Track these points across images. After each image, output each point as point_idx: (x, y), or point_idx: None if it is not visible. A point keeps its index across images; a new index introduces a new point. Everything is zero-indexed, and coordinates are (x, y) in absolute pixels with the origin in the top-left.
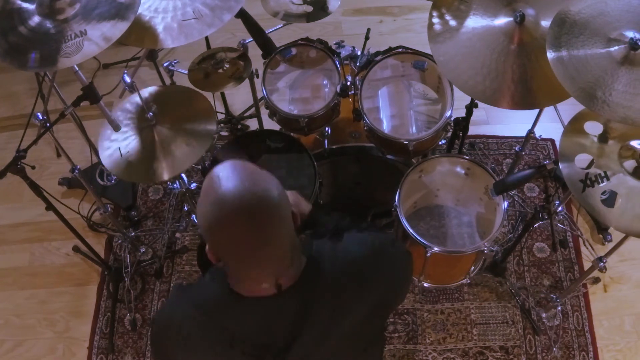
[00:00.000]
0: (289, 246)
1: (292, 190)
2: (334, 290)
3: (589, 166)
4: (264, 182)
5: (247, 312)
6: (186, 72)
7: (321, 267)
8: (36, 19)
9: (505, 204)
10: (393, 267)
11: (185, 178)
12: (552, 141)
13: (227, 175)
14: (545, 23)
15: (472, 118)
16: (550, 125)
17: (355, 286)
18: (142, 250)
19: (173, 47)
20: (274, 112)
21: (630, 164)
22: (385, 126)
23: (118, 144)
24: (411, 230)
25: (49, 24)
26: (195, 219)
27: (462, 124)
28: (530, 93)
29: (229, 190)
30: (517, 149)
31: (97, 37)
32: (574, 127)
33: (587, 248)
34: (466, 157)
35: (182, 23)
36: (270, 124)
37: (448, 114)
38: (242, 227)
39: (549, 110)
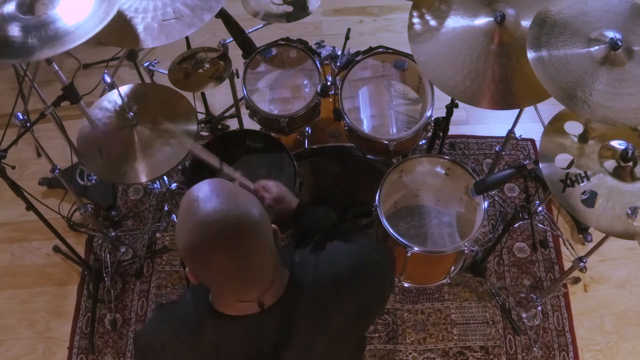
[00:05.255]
0: (271, 266)
1: (278, 182)
2: (316, 307)
3: (569, 166)
4: (244, 203)
5: (229, 333)
6: (166, 72)
7: (304, 282)
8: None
9: (486, 204)
10: (375, 283)
11: (165, 178)
12: (533, 141)
13: (205, 197)
14: (526, 23)
15: (453, 118)
16: (530, 125)
17: (337, 302)
18: (123, 250)
19: (153, 47)
20: (255, 112)
21: (610, 164)
22: (366, 126)
23: (98, 144)
24: (391, 230)
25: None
26: (175, 219)
27: (443, 124)
28: (510, 93)
29: (208, 214)
30: (497, 149)
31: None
32: (554, 127)
33: (568, 248)
34: (446, 157)
35: (162, 23)
36: (251, 124)
37: (428, 113)
38: (222, 252)
39: (529, 110)
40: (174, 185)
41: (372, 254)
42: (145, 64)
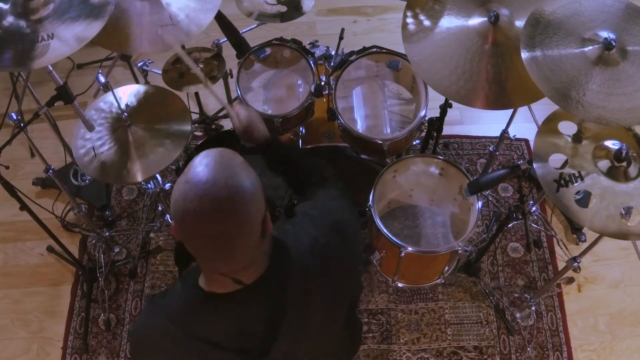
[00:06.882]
0: (251, 248)
1: (250, 108)
2: (302, 276)
3: (563, 166)
4: (238, 179)
5: (221, 316)
6: (160, 72)
7: (287, 252)
8: (10, 19)
9: (480, 204)
10: (352, 238)
11: (159, 178)
12: (526, 141)
13: (208, 161)
14: (520, 23)
15: (446, 118)
16: (524, 125)
17: (320, 267)
18: (116, 250)
19: None
20: None
21: (604, 164)
22: (360, 126)
23: (92, 144)
24: (385, 230)
25: (22, 24)
26: (169, 219)
27: (436, 124)
28: (504, 93)
29: (204, 175)
30: (491, 149)
31: (70, 37)
32: (548, 127)
33: (561, 248)
34: (440, 157)
35: (160, 29)
36: None
37: (422, 114)
38: (201, 218)
39: (523, 110)
40: (167, 185)
41: (343, 214)
42: (139, 64)
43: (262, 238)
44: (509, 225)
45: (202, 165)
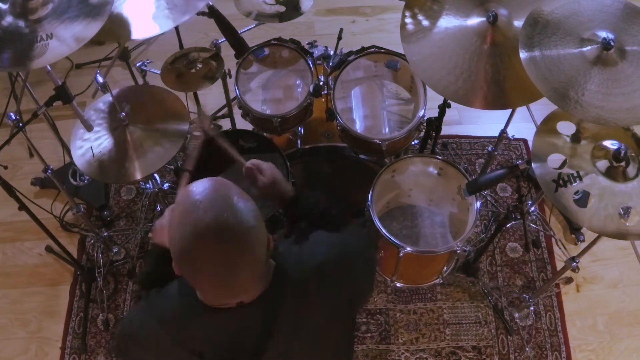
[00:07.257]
0: (257, 277)
1: (270, 164)
2: (298, 300)
3: (562, 166)
4: (241, 214)
5: (215, 327)
6: (159, 72)
7: (287, 274)
8: (9, 19)
9: (478, 204)
10: (358, 273)
11: (157, 178)
12: (525, 141)
13: (202, 196)
14: (518, 23)
15: (445, 118)
16: (523, 125)
17: (319, 294)
18: (115, 250)
19: (146, 47)
20: (247, 112)
21: (602, 164)
22: (358, 126)
23: (90, 144)
24: (384, 230)
25: (21, 24)
26: None
27: (435, 124)
28: (503, 93)
29: (200, 212)
30: (489, 149)
31: (69, 37)
32: (546, 127)
33: (560, 248)
34: (439, 157)
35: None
36: (243, 124)
37: (421, 113)
38: (212, 257)
39: (521, 110)
40: (166, 185)
41: (356, 244)
42: (137, 64)
43: (266, 260)
44: (508, 225)
45: (197, 201)
